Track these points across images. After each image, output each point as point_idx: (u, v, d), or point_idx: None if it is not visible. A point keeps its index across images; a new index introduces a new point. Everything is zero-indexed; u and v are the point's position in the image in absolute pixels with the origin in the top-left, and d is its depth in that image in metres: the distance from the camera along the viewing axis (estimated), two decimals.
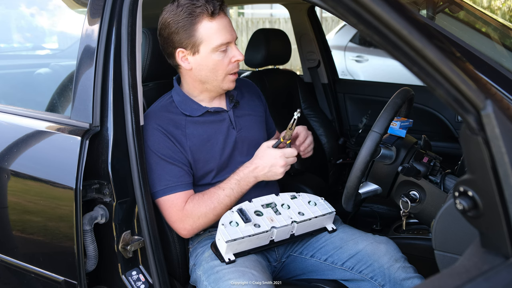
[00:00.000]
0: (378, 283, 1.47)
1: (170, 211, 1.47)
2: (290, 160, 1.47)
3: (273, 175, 1.48)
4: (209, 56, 1.47)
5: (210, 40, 1.45)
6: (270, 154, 1.47)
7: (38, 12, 2.33)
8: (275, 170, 1.46)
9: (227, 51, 1.49)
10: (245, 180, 1.48)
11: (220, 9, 1.45)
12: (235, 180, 1.48)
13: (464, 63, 0.70)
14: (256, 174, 1.48)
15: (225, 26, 1.47)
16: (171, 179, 1.46)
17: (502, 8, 7.48)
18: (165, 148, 1.48)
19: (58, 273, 1.47)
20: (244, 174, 1.48)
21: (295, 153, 1.49)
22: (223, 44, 1.46)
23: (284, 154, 1.46)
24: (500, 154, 0.66)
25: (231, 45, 1.49)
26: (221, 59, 1.48)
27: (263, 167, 1.47)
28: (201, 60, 1.48)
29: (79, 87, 1.45)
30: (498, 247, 0.71)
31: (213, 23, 1.44)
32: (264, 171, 1.47)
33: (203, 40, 1.45)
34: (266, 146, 1.50)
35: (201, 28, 1.44)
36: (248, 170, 1.48)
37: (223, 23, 1.46)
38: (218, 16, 1.45)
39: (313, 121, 2.66)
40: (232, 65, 1.51)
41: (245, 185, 1.49)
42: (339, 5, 0.66)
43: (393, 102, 1.36)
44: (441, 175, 1.44)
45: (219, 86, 1.53)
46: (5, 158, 1.55)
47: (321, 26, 2.92)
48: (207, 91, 1.56)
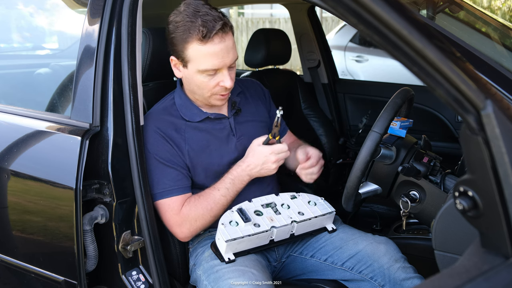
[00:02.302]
0: (378, 283, 1.47)
1: (167, 215, 1.47)
2: (281, 155, 1.47)
3: (267, 171, 1.48)
4: (195, 75, 1.44)
5: (198, 62, 1.41)
6: (261, 152, 1.47)
7: (38, 12, 2.33)
8: (267, 167, 1.47)
9: (216, 75, 1.44)
10: (239, 178, 1.48)
11: (216, 33, 1.38)
12: (230, 180, 1.48)
13: (464, 63, 0.69)
14: (249, 172, 1.48)
15: (217, 52, 1.39)
16: (168, 183, 1.46)
17: (502, 8, 7.48)
18: (164, 151, 1.48)
19: (58, 273, 1.47)
20: (237, 173, 1.48)
21: (286, 148, 1.47)
22: (209, 71, 1.42)
23: (274, 151, 1.46)
24: (500, 154, 0.66)
25: (221, 71, 1.44)
26: (207, 81, 1.44)
27: (255, 165, 1.47)
28: (188, 75, 1.47)
29: (79, 87, 1.45)
30: (498, 247, 0.71)
31: (203, 47, 1.39)
32: (257, 169, 1.48)
33: (191, 60, 1.42)
34: (257, 144, 1.49)
35: (191, 48, 1.40)
36: (241, 169, 1.48)
37: (216, 48, 1.39)
38: (210, 41, 1.38)
39: (313, 121, 2.66)
40: (219, 88, 1.46)
41: (240, 183, 1.49)
42: (339, 5, 0.66)
43: (393, 102, 1.36)
44: (441, 175, 1.44)
45: (206, 100, 1.52)
46: (5, 158, 1.55)
47: (321, 26, 2.92)
48: (200, 100, 1.55)
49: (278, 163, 1.48)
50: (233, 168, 1.50)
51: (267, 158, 1.46)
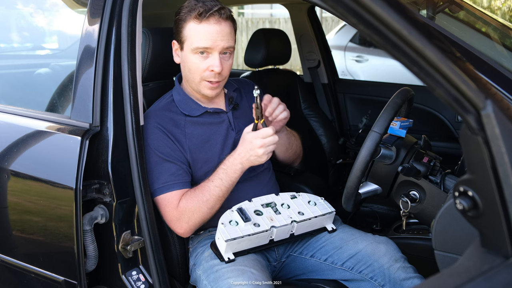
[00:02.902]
0: (378, 283, 1.47)
1: (166, 210, 1.47)
2: (267, 140, 1.41)
3: (256, 158, 1.43)
4: (188, 55, 1.49)
5: (191, 40, 1.47)
6: (246, 139, 1.44)
7: (38, 12, 2.33)
8: (254, 153, 1.42)
9: (208, 58, 1.48)
10: (232, 168, 1.45)
11: (212, 14, 1.44)
12: (222, 170, 1.47)
13: (464, 63, 0.69)
14: (240, 160, 1.45)
15: (211, 32, 1.45)
16: (168, 177, 1.47)
17: (502, 8, 7.48)
18: (165, 146, 1.48)
19: (58, 273, 1.47)
20: (229, 162, 1.47)
21: (271, 132, 1.41)
22: (200, 48, 1.46)
23: (259, 136, 1.41)
24: (500, 154, 0.66)
25: (213, 53, 1.47)
26: (197, 62, 1.48)
27: (244, 153, 1.44)
28: (183, 56, 1.52)
29: (79, 87, 1.45)
30: (498, 247, 0.71)
31: (198, 26, 1.45)
32: (247, 156, 1.43)
33: (186, 38, 1.48)
34: (245, 132, 1.47)
35: (187, 27, 1.47)
36: (232, 158, 1.47)
37: (211, 28, 1.45)
38: (206, 20, 1.44)
39: (313, 121, 2.66)
40: (208, 72, 1.49)
41: (233, 173, 1.46)
42: (339, 5, 0.66)
43: (393, 102, 1.36)
44: (441, 175, 1.44)
45: (197, 88, 1.54)
46: (5, 158, 1.55)
47: (321, 26, 2.92)
48: (194, 91, 1.57)
49: (265, 148, 1.41)
50: (225, 158, 1.49)
51: (252, 144, 1.41)
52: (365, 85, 3.17)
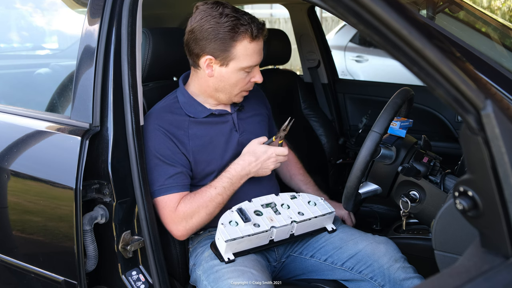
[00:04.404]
0: (378, 283, 1.47)
1: (163, 212, 1.47)
2: (280, 158, 1.52)
3: (264, 171, 1.52)
4: (235, 72, 1.48)
5: (243, 59, 1.46)
6: (265, 152, 1.49)
7: (38, 12, 2.33)
8: (266, 165, 1.50)
9: (251, 71, 1.51)
10: (237, 177, 1.48)
11: (260, 33, 1.46)
12: (227, 179, 1.47)
13: (464, 63, 0.69)
14: (248, 171, 1.49)
15: (259, 50, 1.49)
16: (167, 180, 1.46)
17: (502, 8, 7.48)
18: (165, 148, 1.48)
19: (58, 273, 1.47)
20: (236, 172, 1.48)
21: (286, 152, 1.52)
22: (251, 66, 1.49)
23: (277, 152, 1.50)
24: (500, 154, 0.66)
25: (256, 67, 1.52)
26: (243, 78, 1.50)
27: (256, 164, 1.49)
28: (226, 73, 1.48)
29: (79, 87, 1.45)
30: (498, 247, 0.71)
31: (252, 45, 1.45)
32: (257, 168, 1.49)
33: (236, 57, 1.45)
34: (258, 143, 1.51)
35: (240, 46, 1.44)
36: (240, 167, 1.48)
37: (259, 46, 1.48)
38: (257, 39, 1.45)
39: (313, 121, 2.65)
40: (250, 84, 1.54)
41: (237, 182, 1.49)
42: (339, 5, 0.66)
43: (393, 102, 1.36)
44: (441, 175, 1.44)
45: (230, 98, 1.55)
46: (5, 158, 1.55)
47: (321, 26, 2.92)
48: (215, 98, 1.56)
49: (275, 164, 1.52)
50: (230, 166, 1.50)
51: (269, 159, 1.49)
52: (365, 85, 3.17)
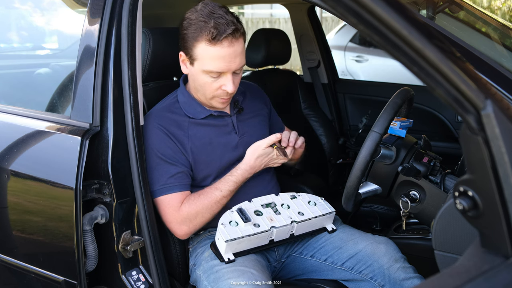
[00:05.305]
0: (378, 283, 1.47)
1: (166, 212, 1.47)
2: (280, 161, 1.56)
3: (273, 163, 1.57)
4: (200, 74, 1.45)
5: (204, 62, 1.42)
6: (269, 155, 1.52)
7: (38, 12, 2.33)
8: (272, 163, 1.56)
9: (220, 78, 1.45)
10: (241, 179, 1.51)
11: (226, 37, 1.37)
12: (233, 183, 1.49)
13: (464, 63, 0.69)
14: (253, 172, 1.53)
15: (224, 56, 1.39)
16: (168, 179, 1.47)
17: (502, 8, 7.48)
18: (166, 148, 1.48)
19: (58, 273, 1.47)
20: (242, 176, 1.51)
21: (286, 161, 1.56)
22: (213, 72, 1.43)
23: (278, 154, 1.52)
24: (500, 154, 0.66)
25: (226, 74, 1.44)
26: (210, 82, 1.45)
27: (260, 166, 1.53)
28: (194, 72, 1.47)
29: (79, 87, 1.45)
30: (498, 247, 0.71)
31: (211, 48, 1.39)
32: (261, 169, 1.55)
33: (198, 58, 1.42)
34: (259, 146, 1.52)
35: (199, 47, 1.40)
36: (246, 172, 1.51)
37: (224, 51, 1.39)
38: (219, 43, 1.38)
39: (313, 121, 2.65)
40: (221, 91, 1.47)
41: (241, 184, 1.52)
42: (339, 5, 0.66)
43: (393, 102, 1.36)
44: (441, 175, 1.44)
45: (208, 101, 1.53)
46: (5, 158, 1.55)
47: (321, 26, 2.92)
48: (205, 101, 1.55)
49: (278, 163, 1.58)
50: (235, 170, 1.51)
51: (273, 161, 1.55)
52: (365, 85, 3.16)
